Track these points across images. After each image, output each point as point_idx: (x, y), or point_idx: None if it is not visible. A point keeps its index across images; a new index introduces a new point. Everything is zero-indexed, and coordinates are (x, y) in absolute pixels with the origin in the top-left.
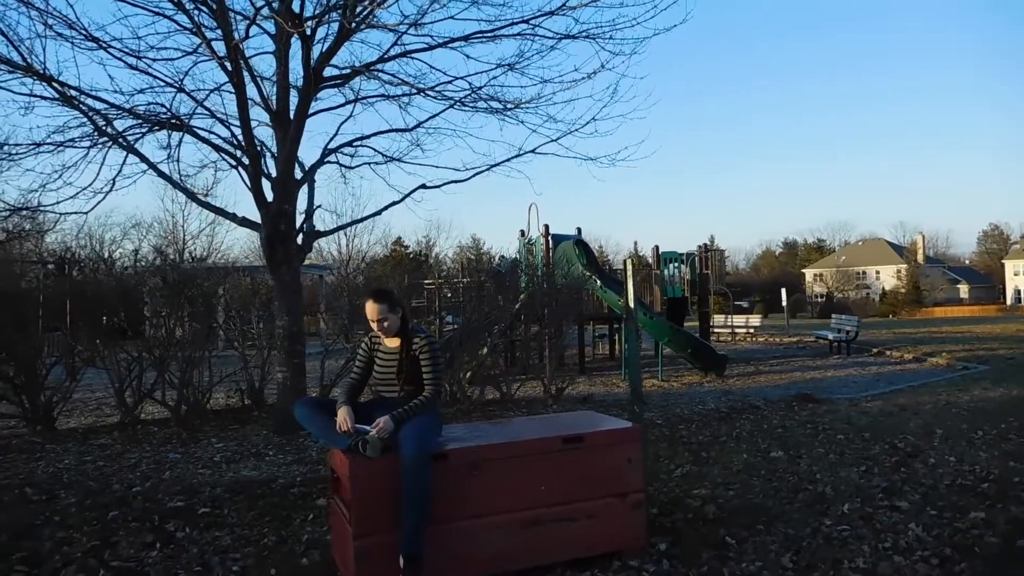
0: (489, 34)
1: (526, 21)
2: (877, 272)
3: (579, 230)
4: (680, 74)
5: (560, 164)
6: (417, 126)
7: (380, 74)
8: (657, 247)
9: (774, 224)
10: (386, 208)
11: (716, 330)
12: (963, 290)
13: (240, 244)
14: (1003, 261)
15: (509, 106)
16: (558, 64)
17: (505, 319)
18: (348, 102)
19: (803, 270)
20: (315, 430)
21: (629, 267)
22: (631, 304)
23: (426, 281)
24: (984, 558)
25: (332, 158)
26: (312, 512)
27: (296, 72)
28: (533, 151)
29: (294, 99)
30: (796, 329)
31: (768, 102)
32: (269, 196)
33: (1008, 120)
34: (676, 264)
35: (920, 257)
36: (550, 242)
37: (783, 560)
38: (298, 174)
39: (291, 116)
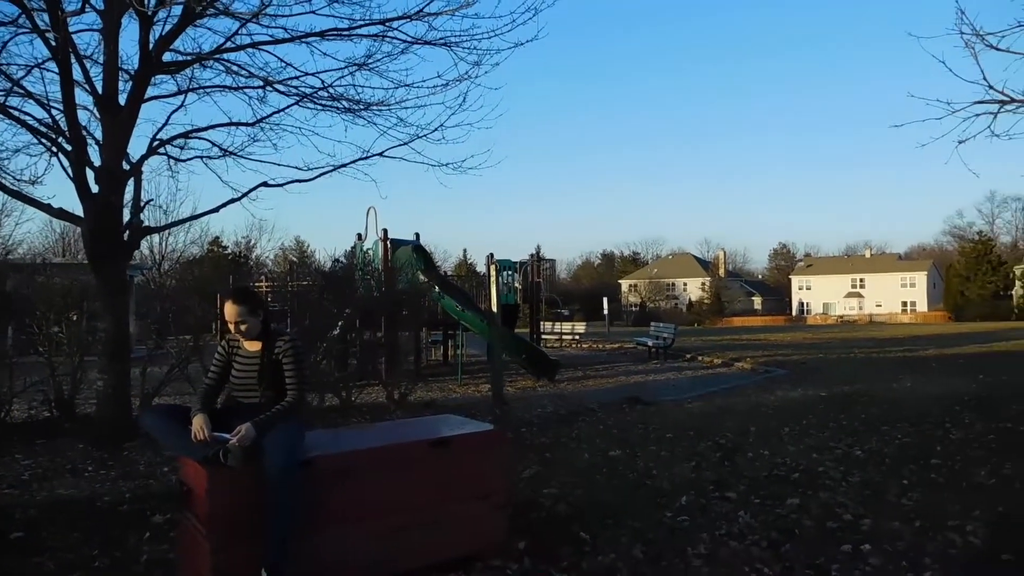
0: (345, 32)
1: (384, 22)
2: (685, 284)
3: (417, 235)
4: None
5: (399, 169)
6: (261, 120)
7: (228, 64)
8: (492, 255)
9: (594, 236)
10: (224, 205)
11: (545, 336)
12: (757, 302)
13: (31, 239)
14: (790, 277)
15: (359, 106)
16: (411, 68)
17: (346, 324)
18: (186, 90)
19: (619, 281)
20: (166, 440)
21: (493, 272)
22: (494, 308)
23: (256, 284)
24: (803, 539)
25: (162, 149)
26: (148, 530)
27: (126, 54)
28: (381, 154)
29: (123, 84)
30: (616, 336)
31: (594, 123)
32: (93, 188)
33: (795, 145)
34: (510, 272)
35: (722, 271)
36: (389, 246)
37: (635, 552)
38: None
39: (120, 102)
